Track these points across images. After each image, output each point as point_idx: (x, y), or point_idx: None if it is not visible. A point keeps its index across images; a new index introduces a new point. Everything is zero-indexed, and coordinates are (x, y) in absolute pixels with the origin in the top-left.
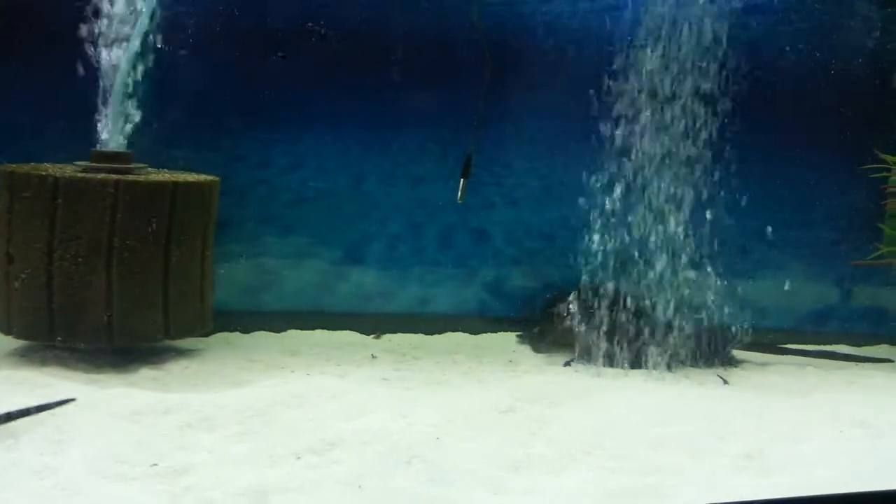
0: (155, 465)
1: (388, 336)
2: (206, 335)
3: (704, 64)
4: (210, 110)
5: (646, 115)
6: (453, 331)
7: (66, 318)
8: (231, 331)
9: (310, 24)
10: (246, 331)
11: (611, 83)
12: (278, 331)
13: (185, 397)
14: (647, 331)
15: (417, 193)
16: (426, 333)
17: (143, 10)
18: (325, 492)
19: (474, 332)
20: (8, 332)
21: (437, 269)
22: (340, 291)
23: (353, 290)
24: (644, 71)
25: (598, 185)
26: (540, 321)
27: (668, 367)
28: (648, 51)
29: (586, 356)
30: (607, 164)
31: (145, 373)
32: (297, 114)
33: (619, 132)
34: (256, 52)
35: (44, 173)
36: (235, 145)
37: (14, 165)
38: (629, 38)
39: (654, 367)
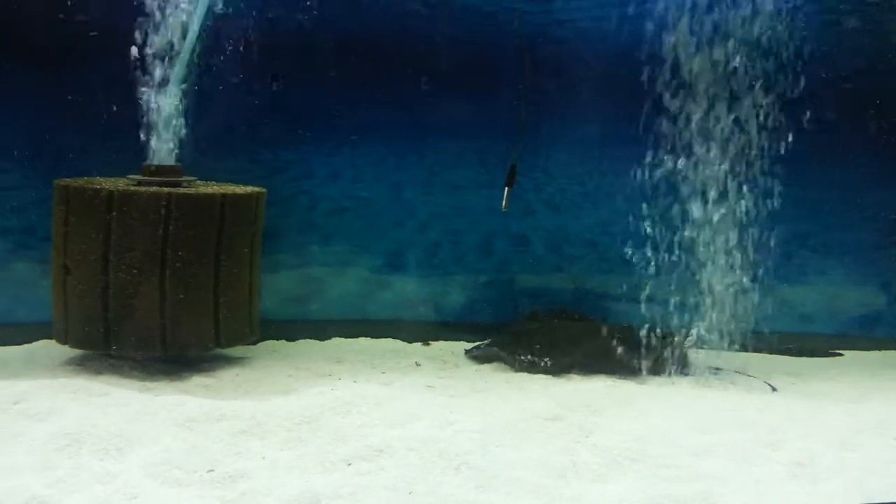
0: (211, 470)
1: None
2: (254, 343)
3: (746, 66)
4: (252, 123)
5: (685, 119)
6: None
7: (121, 328)
8: (277, 339)
9: (345, 36)
10: (291, 339)
11: (650, 87)
12: (323, 338)
13: (237, 404)
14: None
15: (456, 201)
16: (468, 341)
17: (191, 26)
18: (376, 498)
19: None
20: (64, 342)
21: (477, 276)
22: (383, 299)
23: (394, 298)
24: (683, 74)
25: (639, 190)
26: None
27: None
28: (688, 54)
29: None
30: (648, 168)
31: (197, 380)
32: (336, 124)
33: (659, 137)
34: (296, 64)
35: (98, 187)
36: (277, 157)
37: (69, 180)
38: (669, 42)
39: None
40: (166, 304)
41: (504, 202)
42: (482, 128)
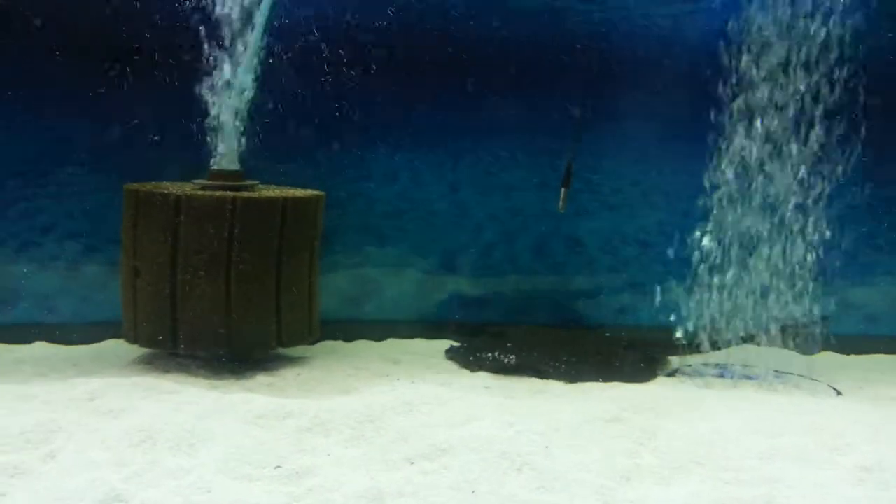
0: (279, 466)
1: None
2: (313, 343)
3: (814, 63)
4: (310, 126)
5: (744, 119)
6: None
7: (189, 328)
8: (334, 339)
9: (401, 38)
10: (348, 339)
11: (708, 86)
12: (378, 339)
13: (301, 403)
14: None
15: (511, 202)
16: None
17: (254, 32)
18: (439, 497)
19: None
20: (134, 341)
21: (532, 277)
22: (437, 300)
23: (449, 299)
24: (744, 72)
25: (696, 190)
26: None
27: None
28: (752, 52)
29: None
30: (707, 170)
31: (261, 379)
32: (392, 127)
33: (721, 136)
34: (352, 67)
35: (166, 191)
36: (333, 159)
37: (138, 184)
38: (731, 41)
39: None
40: (231, 304)
41: (561, 203)
42: (537, 128)
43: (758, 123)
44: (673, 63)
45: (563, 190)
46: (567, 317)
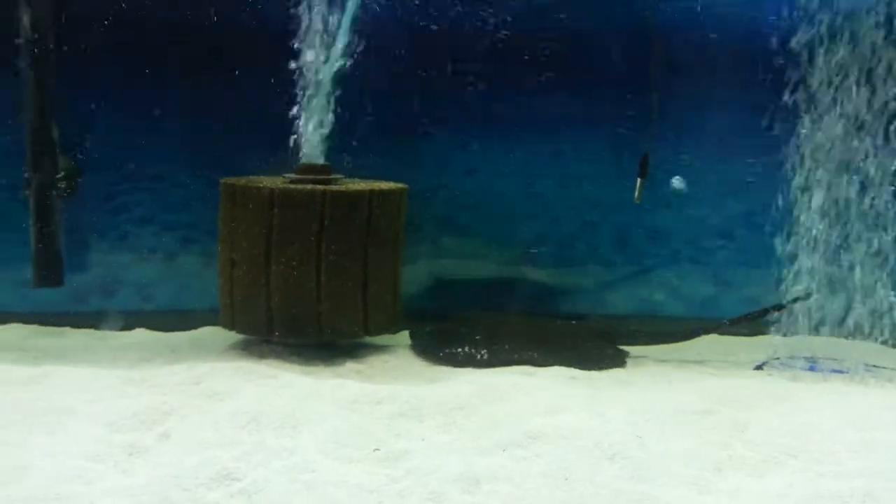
0: (377, 449)
1: None
2: (395, 332)
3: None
4: (391, 119)
5: (827, 106)
6: None
7: (283, 316)
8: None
9: (478, 32)
10: None
11: (790, 73)
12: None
13: (392, 389)
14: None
15: (590, 193)
16: None
17: (340, 30)
18: (533, 482)
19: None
20: (231, 328)
21: (611, 269)
22: (515, 291)
23: (528, 290)
24: (824, 59)
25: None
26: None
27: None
28: (827, 38)
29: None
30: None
31: (350, 366)
32: (471, 119)
33: (797, 124)
34: (431, 60)
35: (261, 186)
36: (414, 152)
37: (233, 179)
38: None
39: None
40: (322, 293)
41: (636, 193)
42: (615, 119)
43: (840, 111)
44: (757, 51)
45: (639, 180)
46: (647, 308)
